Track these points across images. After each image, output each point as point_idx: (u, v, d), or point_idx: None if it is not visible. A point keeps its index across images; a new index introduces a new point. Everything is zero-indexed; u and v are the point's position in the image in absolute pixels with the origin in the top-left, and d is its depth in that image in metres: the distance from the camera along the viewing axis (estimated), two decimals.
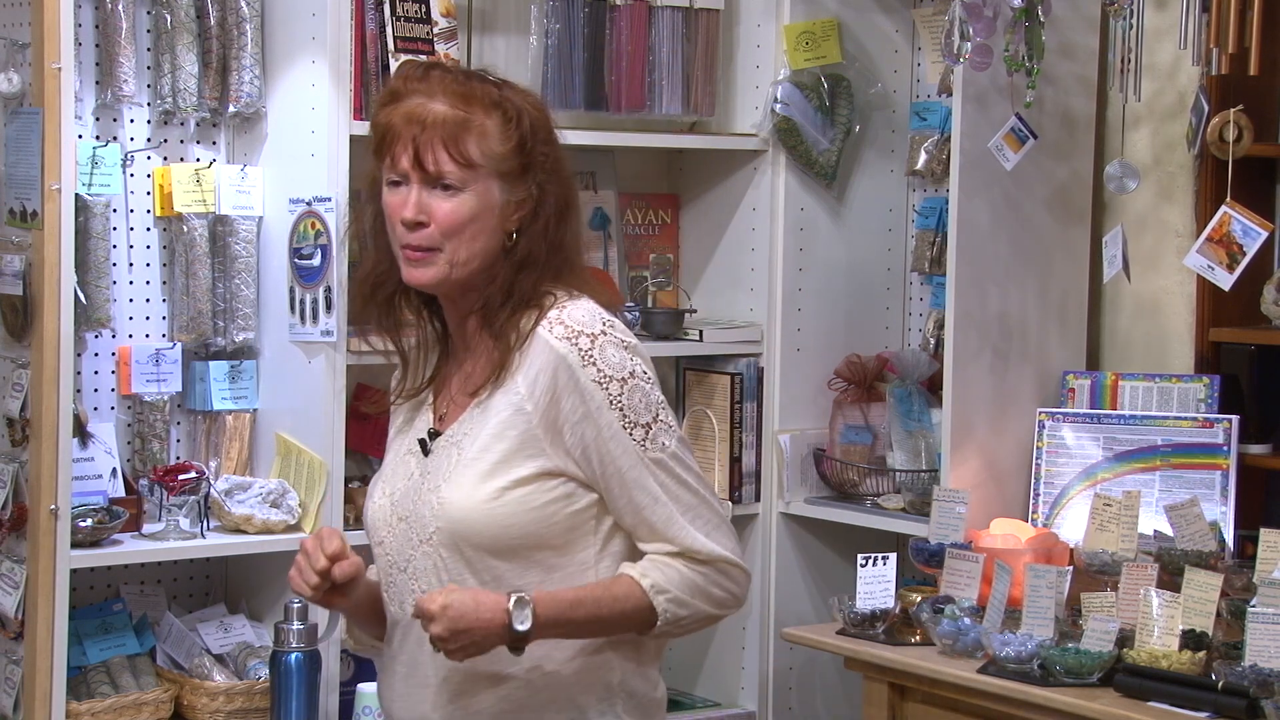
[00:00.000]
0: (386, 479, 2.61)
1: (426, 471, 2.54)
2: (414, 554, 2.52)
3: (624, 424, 2.47)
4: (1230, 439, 3.93)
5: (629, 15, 4.40)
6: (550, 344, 2.48)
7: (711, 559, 2.51)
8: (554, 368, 2.47)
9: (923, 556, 4.05)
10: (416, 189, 2.48)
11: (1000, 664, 3.61)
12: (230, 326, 4.05)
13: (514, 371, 2.49)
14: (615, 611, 2.48)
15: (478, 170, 2.48)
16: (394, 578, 2.56)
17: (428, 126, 2.47)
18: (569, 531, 2.50)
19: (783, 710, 4.57)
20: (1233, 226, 3.76)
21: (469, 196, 2.48)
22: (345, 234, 2.69)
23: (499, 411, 2.49)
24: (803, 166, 4.54)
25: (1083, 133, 4.28)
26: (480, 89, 2.51)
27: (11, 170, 3.72)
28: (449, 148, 2.47)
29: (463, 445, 2.51)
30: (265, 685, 3.87)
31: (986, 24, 3.91)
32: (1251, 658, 3.35)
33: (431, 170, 2.47)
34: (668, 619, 2.49)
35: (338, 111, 3.92)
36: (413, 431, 2.61)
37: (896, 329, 4.72)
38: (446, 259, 2.49)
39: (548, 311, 2.50)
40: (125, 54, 3.92)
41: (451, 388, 2.60)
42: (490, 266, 2.52)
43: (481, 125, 2.48)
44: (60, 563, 3.67)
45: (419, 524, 2.51)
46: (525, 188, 2.51)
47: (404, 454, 2.60)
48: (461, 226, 2.48)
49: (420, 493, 2.53)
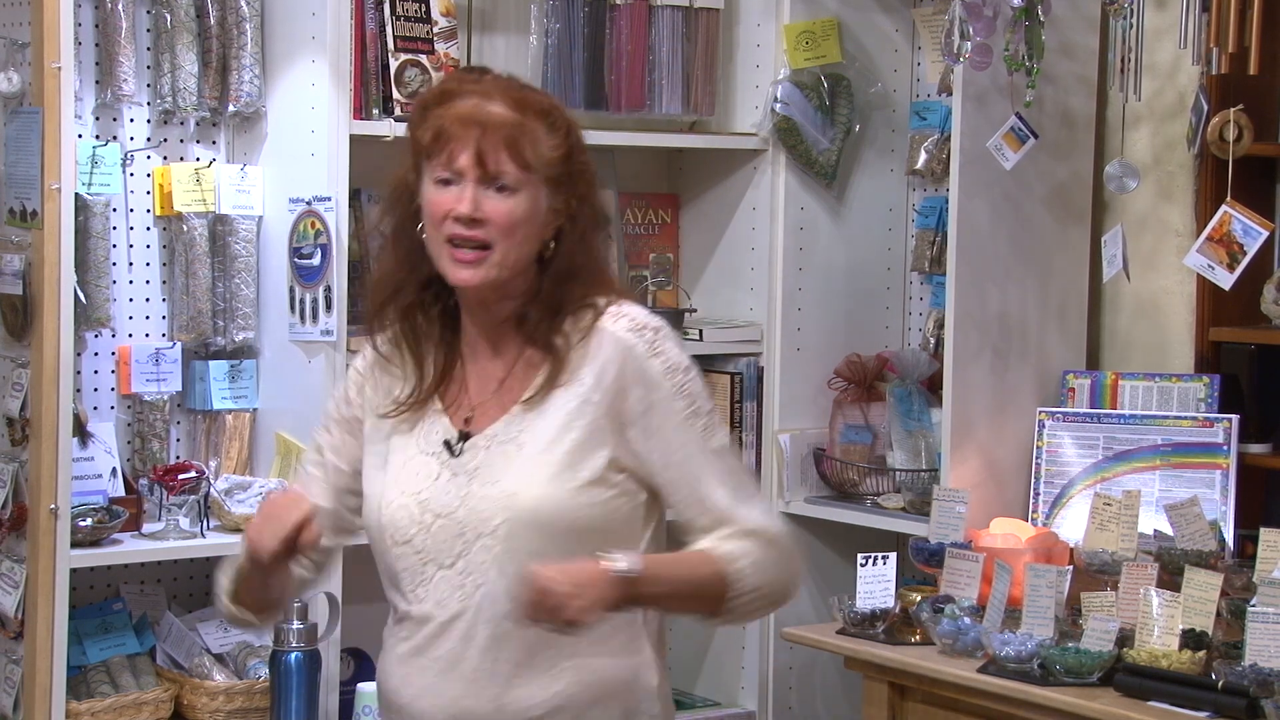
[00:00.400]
0: (397, 481, 2.59)
1: (467, 470, 2.54)
2: (466, 549, 2.51)
3: (688, 413, 2.52)
4: (1230, 438, 3.93)
5: (629, 14, 4.40)
6: (617, 336, 2.53)
7: (778, 539, 2.54)
8: (622, 358, 2.52)
9: (923, 556, 4.05)
10: (472, 187, 2.49)
11: (1000, 663, 3.61)
12: (230, 326, 4.05)
13: (575, 367, 2.52)
14: (696, 577, 2.49)
15: (532, 175, 2.50)
16: (430, 575, 2.55)
17: (489, 127, 2.48)
18: (625, 525, 2.54)
19: (783, 710, 4.57)
20: (1233, 226, 3.76)
21: (523, 199, 2.50)
22: (376, 228, 2.69)
23: (563, 405, 2.52)
24: (803, 166, 4.54)
25: (1083, 132, 4.28)
26: (532, 96, 2.54)
27: (11, 170, 3.72)
28: (510, 149, 2.48)
29: (521, 442, 2.52)
30: (265, 685, 3.87)
31: (986, 23, 3.91)
32: (1251, 657, 3.35)
33: (492, 170, 2.48)
34: (737, 590, 2.49)
35: (338, 111, 3.92)
36: (419, 434, 2.60)
37: (896, 328, 4.72)
38: (497, 260, 2.50)
39: (606, 309, 2.55)
40: (125, 53, 3.92)
41: (469, 389, 2.59)
42: (525, 272, 2.54)
43: (535, 131, 2.50)
44: (60, 562, 3.67)
45: (474, 520, 2.51)
46: (565, 197, 2.53)
47: (415, 455, 2.58)
48: (515, 227, 2.49)
49: (468, 490, 2.52)
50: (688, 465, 2.52)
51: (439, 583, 2.54)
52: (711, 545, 2.51)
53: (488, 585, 2.50)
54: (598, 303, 2.55)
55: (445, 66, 4.13)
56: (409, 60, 4.09)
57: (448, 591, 2.53)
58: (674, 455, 2.52)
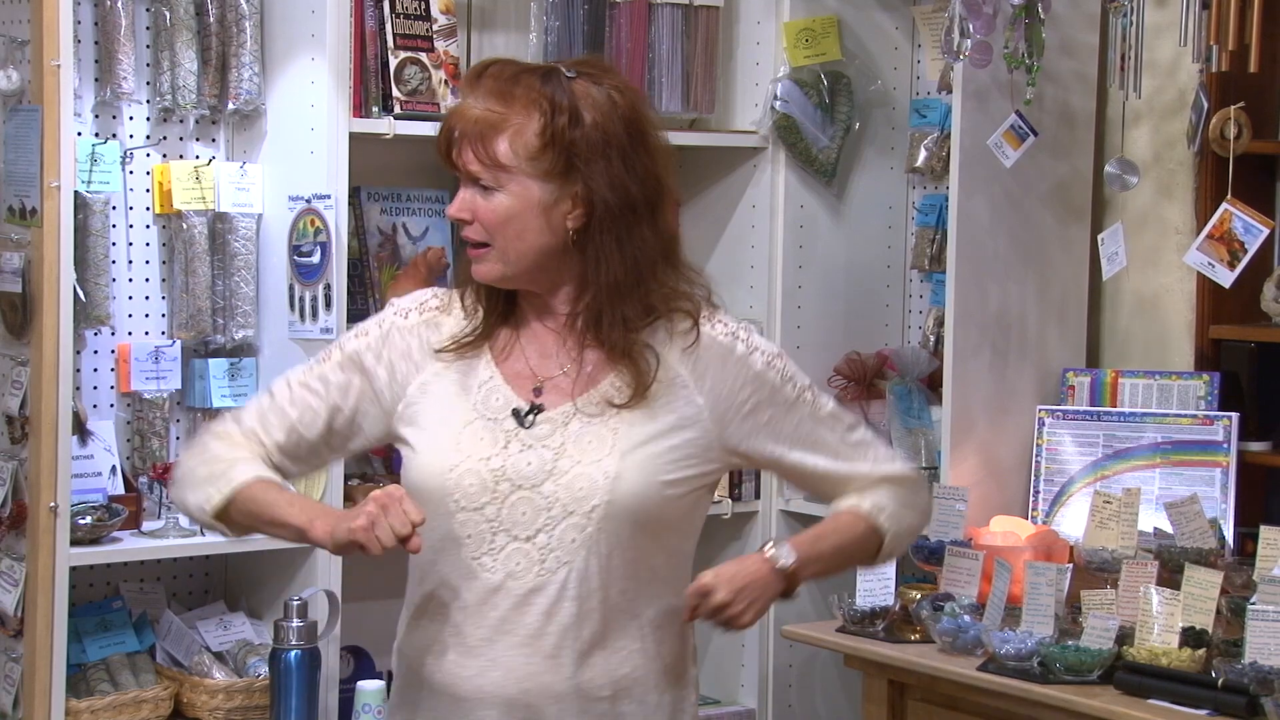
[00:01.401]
0: (458, 444, 2.53)
1: (548, 445, 2.51)
2: (550, 524, 2.50)
3: (796, 394, 2.61)
4: (1230, 436, 3.93)
5: (628, 12, 4.40)
6: (716, 338, 2.57)
7: (907, 477, 2.68)
8: (723, 359, 2.56)
9: (922, 554, 4.05)
10: (463, 188, 2.53)
11: (1000, 661, 3.61)
12: (230, 324, 4.05)
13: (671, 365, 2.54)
14: (850, 539, 2.64)
15: (510, 171, 2.49)
16: (502, 545, 2.51)
17: (465, 128, 2.50)
18: (695, 518, 2.61)
19: (782, 708, 4.57)
20: (1234, 224, 3.76)
21: (504, 196, 2.50)
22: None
23: (665, 401, 2.53)
24: (802, 164, 4.54)
25: (1083, 130, 4.28)
26: (526, 84, 2.50)
27: (11, 168, 3.72)
28: (475, 148, 2.49)
29: (614, 426, 2.51)
30: (265, 683, 3.87)
31: (986, 21, 3.91)
32: (1251, 655, 3.35)
33: (465, 170, 2.51)
34: (892, 534, 2.64)
35: (337, 109, 3.92)
36: (475, 397, 2.55)
37: (896, 326, 4.72)
38: (498, 255, 2.52)
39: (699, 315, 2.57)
40: (124, 51, 3.91)
41: (530, 363, 2.56)
42: (557, 262, 2.53)
43: (517, 125, 2.48)
44: (60, 560, 3.67)
45: (566, 496, 2.49)
46: (574, 186, 2.50)
47: (475, 418, 2.54)
48: (500, 224, 2.50)
49: (557, 465, 2.50)
50: (809, 442, 2.62)
51: (512, 553, 2.51)
52: (856, 501, 2.64)
53: (575, 564, 2.49)
54: (689, 306, 2.57)
55: (445, 65, 4.13)
56: (409, 58, 4.09)
57: (524, 565, 2.50)
58: (796, 438, 2.61)
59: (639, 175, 2.52)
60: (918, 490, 2.71)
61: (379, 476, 4.14)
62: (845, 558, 2.68)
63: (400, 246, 4.27)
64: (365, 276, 4.21)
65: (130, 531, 3.87)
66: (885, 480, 2.65)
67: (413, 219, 4.30)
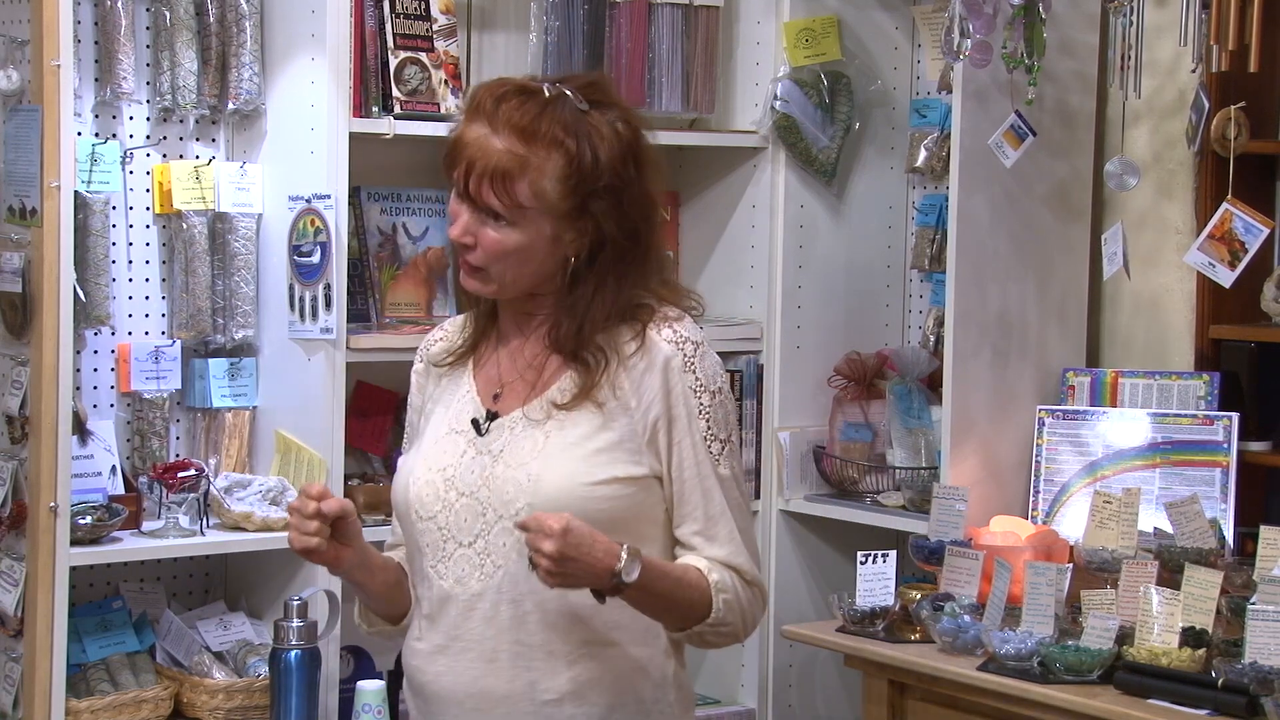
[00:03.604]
0: (427, 456, 2.62)
1: (491, 451, 2.56)
2: (486, 529, 2.54)
3: (706, 435, 2.55)
4: (1230, 436, 3.93)
5: (628, 12, 4.40)
6: (659, 345, 2.55)
7: (756, 582, 2.60)
8: (660, 368, 2.54)
9: (923, 554, 4.05)
10: (468, 212, 2.52)
11: (1000, 661, 3.61)
12: (230, 324, 4.05)
13: (612, 368, 2.54)
14: (684, 597, 2.53)
15: (526, 210, 2.50)
16: (450, 552, 2.57)
17: (486, 162, 2.49)
18: (642, 520, 2.56)
19: (783, 707, 4.57)
20: (1234, 224, 3.76)
21: (515, 232, 2.51)
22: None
23: (597, 404, 2.54)
24: (802, 164, 4.53)
25: (1083, 130, 4.28)
26: (549, 124, 2.50)
27: (11, 167, 3.72)
28: (496, 186, 2.49)
29: (548, 430, 2.54)
30: (265, 683, 3.87)
31: (986, 21, 3.91)
32: (1251, 655, 3.35)
33: (481, 203, 2.51)
34: (714, 620, 2.55)
35: (337, 108, 3.92)
36: (452, 412, 2.63)
37: (896, 326, 4.72)
38: (495, 279, 2.54)
39: (654, 316, 2.56)
40: (124, 51, 3.91)
41: (501, 370, 2.62)
42: (550, 281, 2.56)
43: (539, 166, 2.49)
44: (60, 560, 3.67)
45: (496, 500, 2.53)
46: (584, 222, 2.52)
47: (446, 432, 2.61)
48: (505, 255, 2.52)
49: (493, 470, 2.54)
50: (699, 484, 2.55)
51: (458, 560, 2.56)
52: (707, 568, 2.55)
53: (508, 567, 2.53)
54: (650, 305, 2.57)
55: (445, 65, 4.13)
56: (409, 58, 4.09)
57: (467, 570, 2.55)
58: (686, 472, 2.55)
59: (640, 205, 2.56)
60: (756, 603, 2.60)
61: (379, 476, 4.14)
62: (665, 607, 2.53)
63: (400, 246, 4.27)
64: (365, 276, 4.21)
65: (130, 531, 3.87)
66: (738, 571, 2.56)
67: (413, 219, 4.29)
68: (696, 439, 2.55)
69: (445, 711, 2.59)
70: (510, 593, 2.53)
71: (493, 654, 2.55)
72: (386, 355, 4.05)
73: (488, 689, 2.55)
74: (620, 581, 2.42)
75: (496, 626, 2.54)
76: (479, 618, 2.55)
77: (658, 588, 2.49)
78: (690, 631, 2.57)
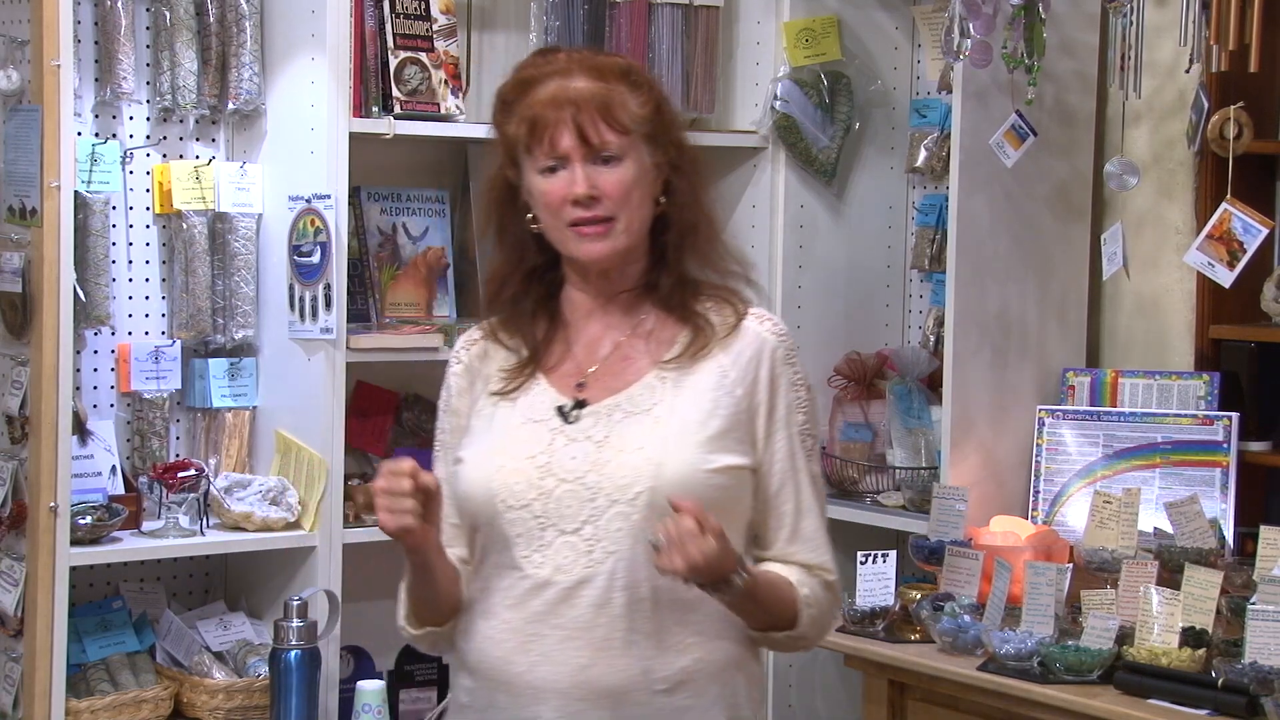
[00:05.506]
0: (505, 447, 2.56)
1: (591, 438, 2.53)
2: (596, 515, 2.50)
3: (803, 430, 2.58)
4: (1230, 436, 3.93)
5: (628, 12, 4.40)
6: (761, 334, 2.57)
7: (835, 584, 2.62)
8: (767, 357, 2.56)
9: (923, 554, 4.05)
10: (581, 167, 2.51)
11: (1000, 661, 3.61)
12: (230, 324, 4.05)
13: (713, 351, 2.55)
14: (775, 607, 2.55)
15: (631, 136, 2.53)
16: (550, 540, 2.51)
17: (581, 103, 2.51)
18: (739, 514, 2.56)
19: (783, 707, 4.57)
20: (1233, 224, 3.76)
21: (629, 164, 2.53)
22: (483, 231, 2.69)
23: (704, 386, 2.54)
24: (802, 164, 4.54)
25: (1083, 130, 4.28)
26: (607, 61, 2.57)
27: (11, 167, 3.72)
28: (606, 117, 2.51)
29: (657, 415, 2.53)
30: (265, 683, 3.87)
31: (986, 20, 3.91)
32: (1251, 655, 3.35)
33: (595, 144, 2.51)
34: (796, 634, 2.58)
35: (337, 108, 3.92)
36: (521, 406, 2.58)
37: (896, 326, 4.72)
38: (622, 228, 2.53)
39: (749, 309, 2.59)
40: (124, 51, 3.92)
41: (577, 358, 2.60)
42: (647, 234, 2.57)
43: (622, 94, 2.53)
44: (60, 560, 3.67)
45: (609, 485, 2.50)
46: (665, 148, 2.57)
47: (522, 422, 2.57)
48: (629, 193, 2.53)
49: (599, 455, 2.51)
50: (790, 478, 2.57)
51: (560, 547, 2.51)
52: (798, 581, 2.57)
53: (622, 552, 2.49)
54: (737, 298, 2.59)
55: (445, 64, 4.13)
56: (409, 58, 4.09)
57: (571, 557, 2.50)
58: (781, 463, 2.56)
59: (695, 166, 2.64)
60: (833, 612, 2.64)
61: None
62: (753, 611, 2.54)
63: (400, 246, 4.27)
64: (365, 276, 4.21)
65: (130, 531, 3.87)
66: (830, 587, 2.60)
67: (413, 219, 4.29)
68: (794, 432, 2.56)
69: (545, 702, 2.51)
70: (624, 579, 2.48)
71: (603, 642, 2.49)
72: (386, 355, 4.05)
73: (595, 677, 2.50)
74: (733, 582, 2.43)
75: (608, 614, 2.49)
76: (585, 605, 2.49)
77: (757, 594, 2.50)
78: (769, 635, 2.59)
